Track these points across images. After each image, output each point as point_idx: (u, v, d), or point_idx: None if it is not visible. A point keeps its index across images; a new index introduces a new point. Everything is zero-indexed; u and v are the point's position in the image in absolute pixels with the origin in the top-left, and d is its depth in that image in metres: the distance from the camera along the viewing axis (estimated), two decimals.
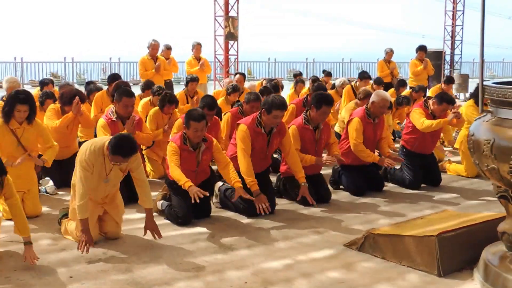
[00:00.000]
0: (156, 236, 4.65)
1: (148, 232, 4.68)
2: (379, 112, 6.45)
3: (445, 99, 6.74)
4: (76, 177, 4.53)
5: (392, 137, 9.13)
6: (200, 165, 5.33)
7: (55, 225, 5.08)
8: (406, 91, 10.90)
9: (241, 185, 5.27)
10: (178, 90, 13.61)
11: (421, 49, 12.60)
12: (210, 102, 6.37)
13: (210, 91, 15.07)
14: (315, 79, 10.76)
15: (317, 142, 6.06)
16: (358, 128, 6.31)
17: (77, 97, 6.39)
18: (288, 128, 5.99)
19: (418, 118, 6.67)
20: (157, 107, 7.37)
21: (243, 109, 6.98)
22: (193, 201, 4.86)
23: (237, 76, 10.90)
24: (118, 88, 6.64)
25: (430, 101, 6.81)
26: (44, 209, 5.62)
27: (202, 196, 4.83)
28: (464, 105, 7.63)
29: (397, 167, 6.99)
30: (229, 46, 15.27)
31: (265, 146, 5.68)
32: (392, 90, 11.54)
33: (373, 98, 6.46)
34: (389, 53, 12.98)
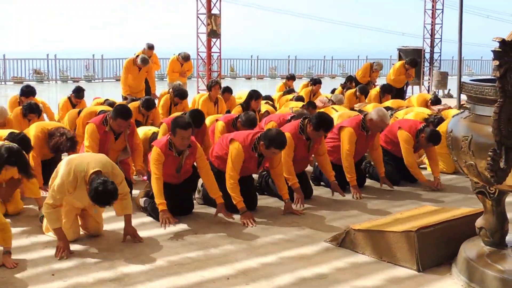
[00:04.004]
0: (136, 240, 4.68)
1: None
2: (374, 129, 6.43)
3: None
4: (55, 183, 4.41)
5: None
6: (182, 169, 5.35)
7: (37, 222, 5.05)
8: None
9: (223, 201, 5.29)
10: (161, 86, 13.59)
11: (414, 65, 12.81)
12: (196, 116, 6.26)
13: (193, 88, 15.09)
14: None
15: (308, 150, 6.06)
16: (351, 138, 6.26)
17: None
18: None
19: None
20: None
21: (237, 125, 6.87)
22: (161, 226, 4.93)
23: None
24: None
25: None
26: (26, 206, 5.57)
27: (173, 224, 4.98)
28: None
29: None
30: (212, 43, 15.26)
31: (255, 166, 5.67)
32: (376, 90, 11.77)
33: (372, 115, 6.31)
34: (377, 68, 13.17)
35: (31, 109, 7.72)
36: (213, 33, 15.05)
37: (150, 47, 11.65)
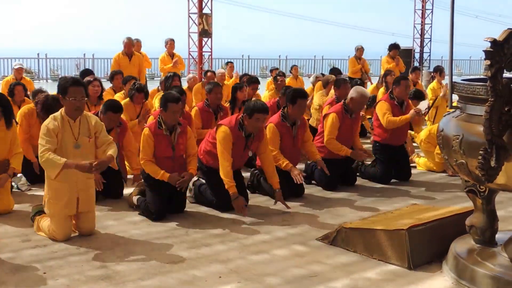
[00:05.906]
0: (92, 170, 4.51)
1: (123, 231, 4.78)
2: (357, 108, 6.56)
3: (401, 77, 7.12)
4: (40, 134, 4.55)
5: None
6: (176, 150, 5.36)
7: (28, 221, 5.03)
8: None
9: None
10: (152, 85, 13.56)
11: (394, 47, 12.94)
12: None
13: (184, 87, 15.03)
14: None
15: (294, 138, 6.11)
16: (334, 123, 6.41)
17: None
18: (266, 126, 6.01)
19: (382, 114, 6.80)
20: (127, 99, 7.44)
21: (209, 101, 7.27)
22: (178, 189, 5.18)
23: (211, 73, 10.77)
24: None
25: (393, 88, 6.99)
26: (17, 205, 5.55)
27: (183, 186, 5.20)
28: None
29: (368, 162, 7.10)
30: (203, 43, 15.26)
31: (242, 150, 5.62)
32: (373, 86, 11.77)
33: (352, 94, 6.53)
34: (360, 49, 13.40)
35: None
36: (205, 33, 15.07)
37: (137, 40, 11.73)
